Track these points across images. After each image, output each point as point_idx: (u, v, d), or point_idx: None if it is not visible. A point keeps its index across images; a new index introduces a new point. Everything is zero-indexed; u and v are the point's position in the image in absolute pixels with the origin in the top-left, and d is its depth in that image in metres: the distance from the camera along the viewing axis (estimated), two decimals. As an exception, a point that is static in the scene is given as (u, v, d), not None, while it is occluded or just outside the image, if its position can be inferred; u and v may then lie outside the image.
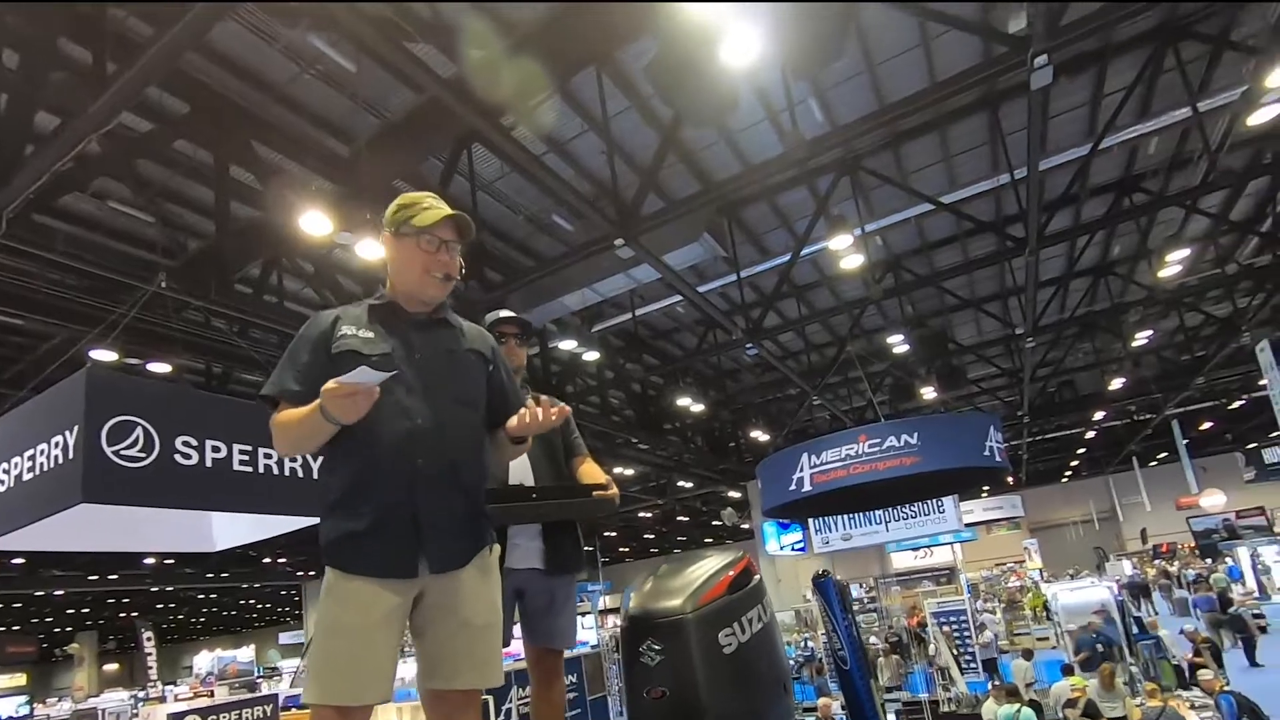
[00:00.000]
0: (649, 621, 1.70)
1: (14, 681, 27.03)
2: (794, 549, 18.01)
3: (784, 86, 5.69)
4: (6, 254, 5.11)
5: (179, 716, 5.55)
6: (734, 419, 16.44)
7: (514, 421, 1.69)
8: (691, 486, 19.74)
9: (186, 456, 4.04)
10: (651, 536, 32.55)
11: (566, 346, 9.83)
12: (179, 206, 6.81)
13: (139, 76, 3.96)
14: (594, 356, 10.39)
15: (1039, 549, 27.78)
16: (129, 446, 3.80)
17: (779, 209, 8.50)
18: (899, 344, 11.92)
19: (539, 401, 1.67)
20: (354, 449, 1.57)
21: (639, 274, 8.11)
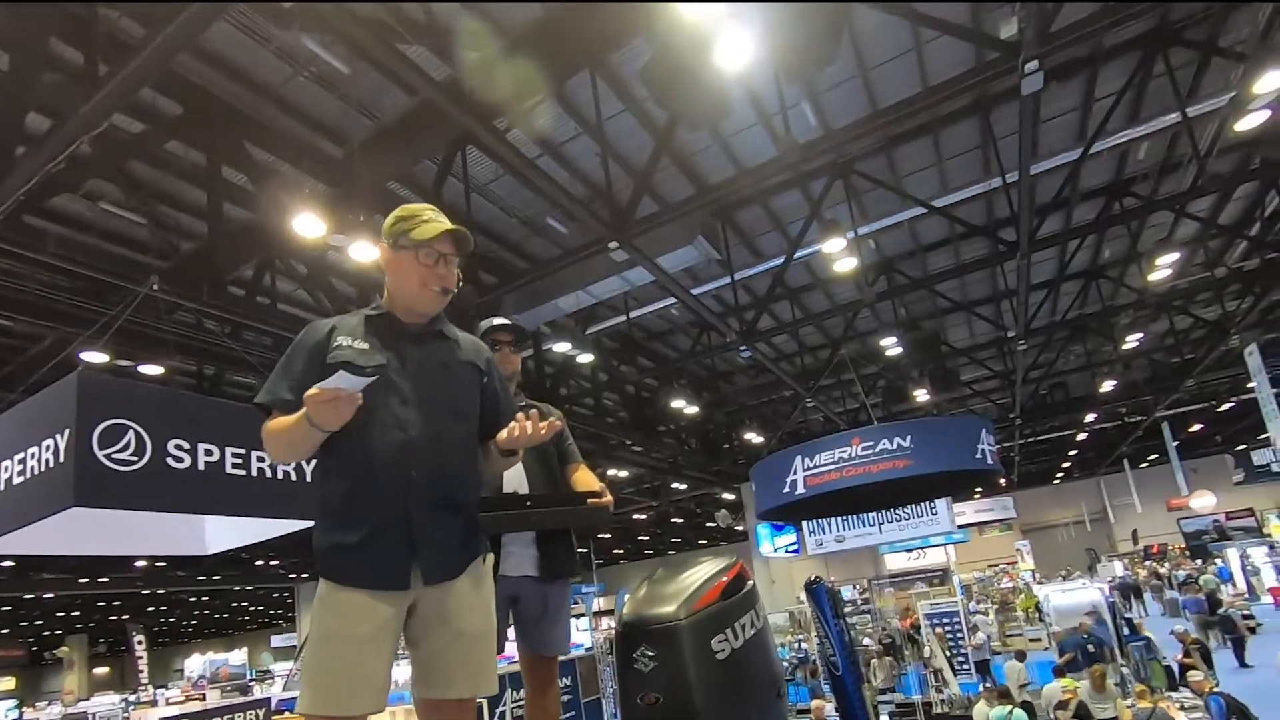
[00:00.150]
0: (643, 628, 1.71)
1: (3, 685, 26.83)
2: (788, 551, 18.05)
3: (777, 90, 5.72)
4: (-3, 256, 5.08)
5: (170, 721, 5.52)
6: (728, 421, 16.47)
7: (504, 435, 1.70)
8: (686, 488, 19.75)
9: (179, 460, 4.03)
10: (646, 538, 32.54)
11: (561, 349, 9.83)
12: (171, 208, 6.77)
13: (131, 78, 3.95)
14: (588, 359, 10.40)
15: (1031, 550, 27.94)
16: (121, 450, 3.79)
17: (772, 212, 8.53)
18: (892, 346, 11.97)
19: (529, 415, 1.67)
20: (348, 460, 1.57)
21: (633, 276, 8.12)
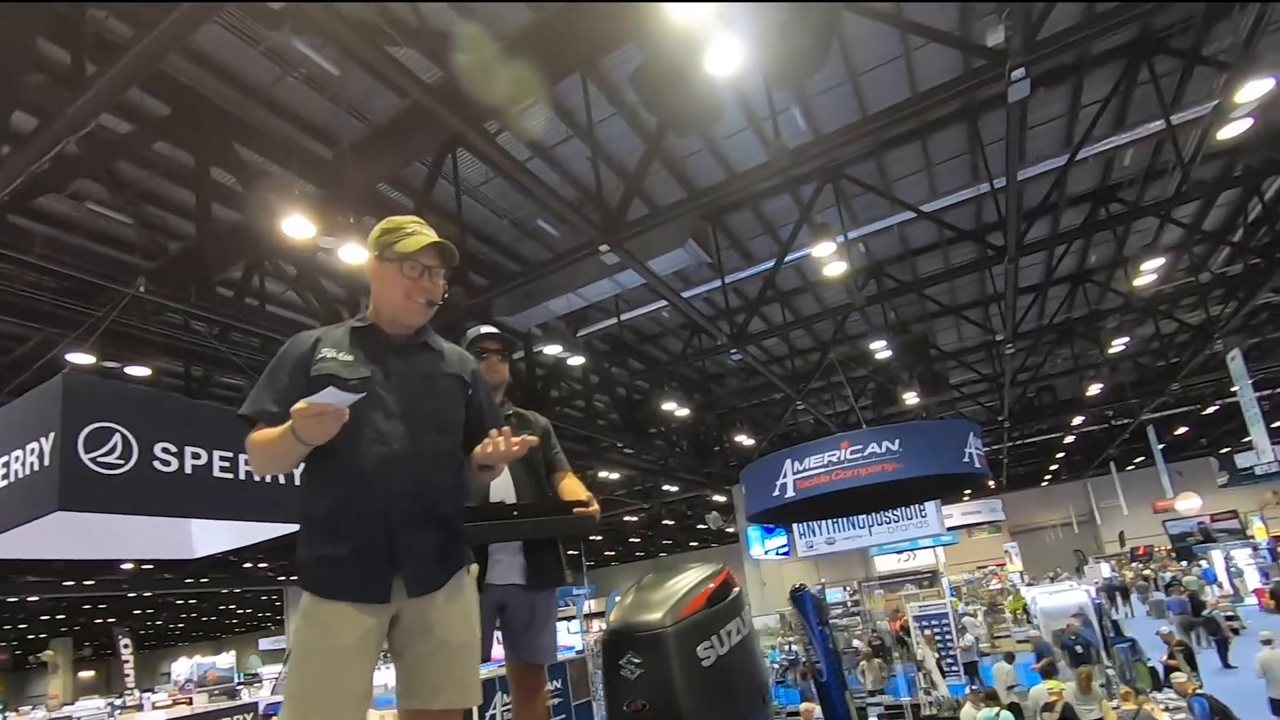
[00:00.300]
0: (629, 634, 1.72)
1: (-15, 690, 26.48)
2: (778, 553, 18.10)
3: (767, 95, 5.75)
4: (-19, 256, 5.04)
5: (156, 725, 5.47)
6: (719, 423, 16.50)
7: (479, 450, 1.69)
8: (677, 490, 19.76)
9: (166, 463, 4.00)
10: (637, 540, 32.54)
11: (552, 351, 9.83)
12: (159, 209, 6.73)
13: (119, 78, 3.93)
14: (579, 361, 10.40)
15: (1019, 552, 28.15)
16: (107, 453, 3.76)
17: (763, 215, 8.56)
18: (882, 350, 12.04)
19: (503, 431, 1.68)
20: (331, 474, 1.57)
21: (624, 279, 8.13)
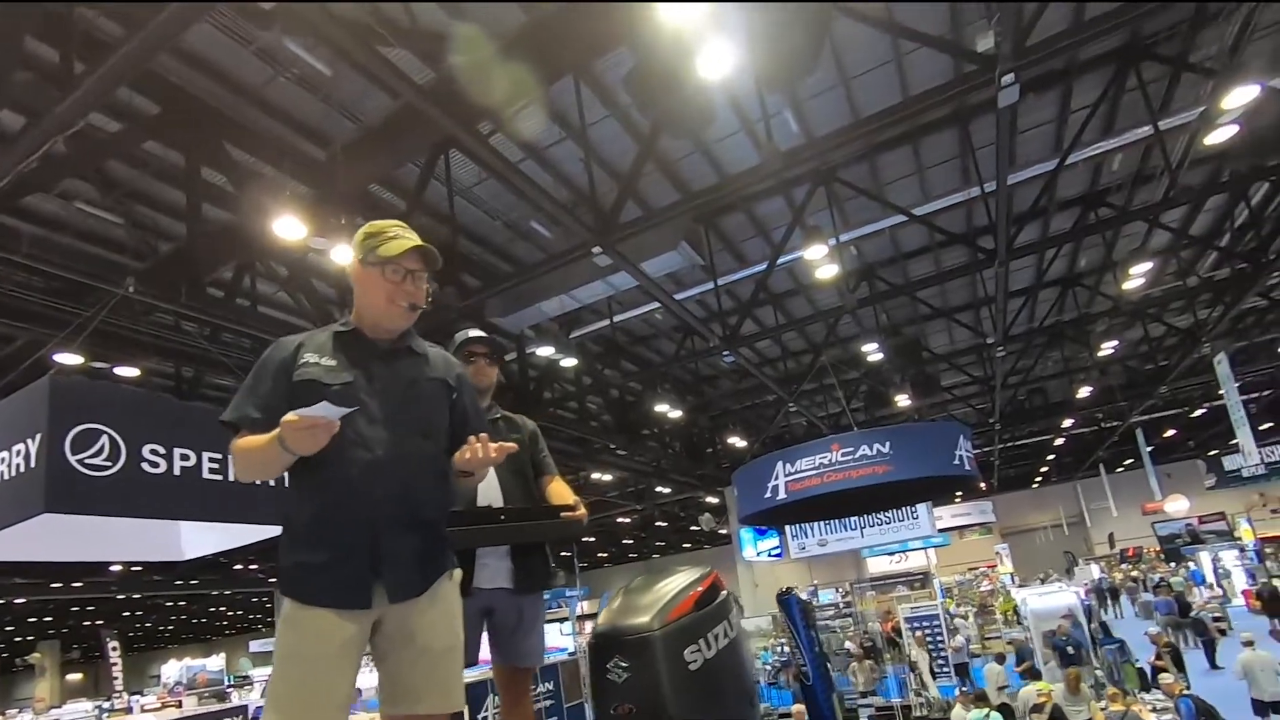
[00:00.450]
0: (616, 638, 1.72)
1: (-29, 692, 26.18)
2: (771, 554, 18.14)
3: (760, 99, 5.77)
4: (-32, 256, 5.00)
5: (144, 729, 5.43)
6: (712, 425, 16.52)
7: (458, 456, 1.69)
8: (670, 492, 19.76)
9: (154, 465, 3.98)
10: (630, 542, 32.52)
11: (544, 353, 9.82)
12: (148, 208, 6.69)
13: (108, 77, 3.91)
14: (572, 363, 10.39)
15: (1010, 553, 28.28)
16: (94, 455, 3.74)
17: (755, 218, 8.59)
18: (874, 352, 12.09)
19: (480, 438, 1.68)
20: (313, 479, 1.57)
21: (617, 281, 8.15)
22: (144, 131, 5.55)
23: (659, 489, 19.41)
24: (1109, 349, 13.35)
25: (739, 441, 16.44)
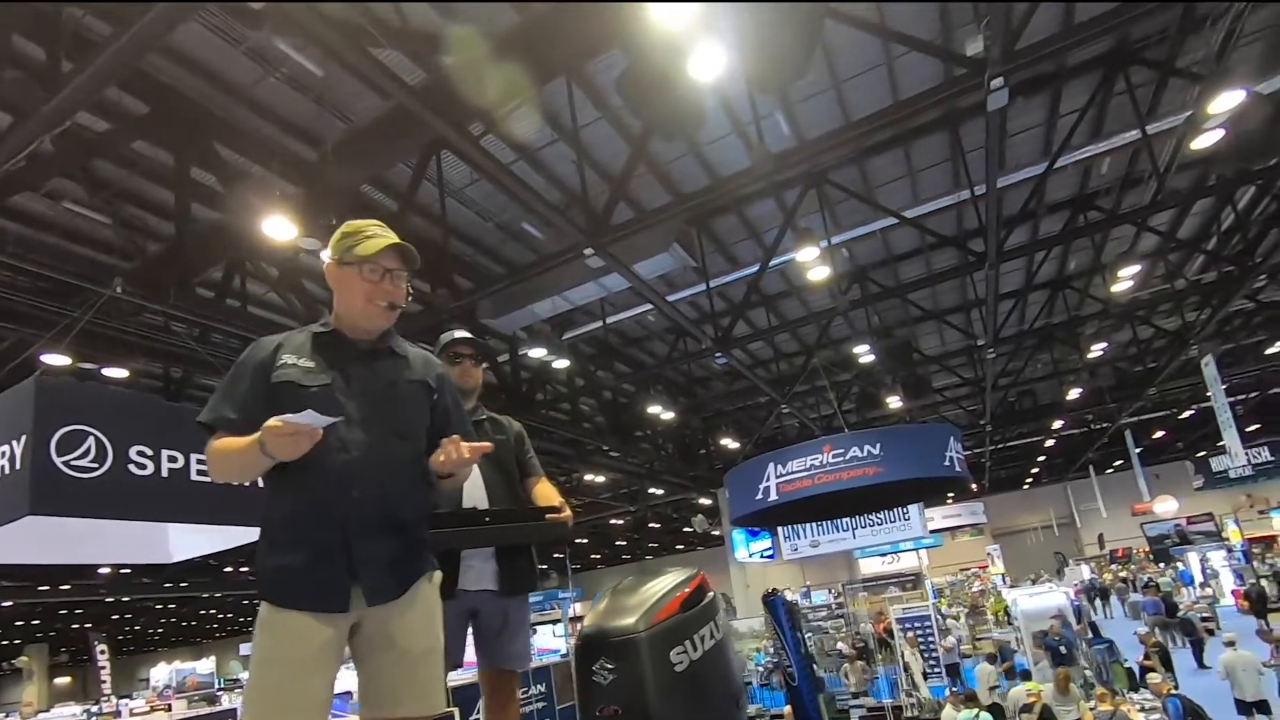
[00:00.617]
0: (602, 640, 1.72)
1: (-44, 697, 25.89)
2: (763, 556, 18.14)
3: (751, 101, 5.79)
4: (-47, 255, 4.95)
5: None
6: (704, 426, 16.53)
7: (433, 460, 1.68)
8: (662, 493, 19.77)
9: (141, 466, 3.96)
10: (623, 543, 32.49)
11: (537, 354, 9.80)
12: (137, 208, 6.64)
13: (96, 76, 3.88)
14: (565, 364, 10.38)
15: (1001, 554, 28.44)
16: (80, 456, 3.71)
17: (747, 220, 8.61)
18: (865, 354, 12.13)
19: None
20: (290, 482, 1.55)
21: (609, 282, 8.14)
22: (133, 131, 5.52)
23: (651, 490, 19.42)
24: (1098, 351, 13.44)
25: (731, 443, 16.45)
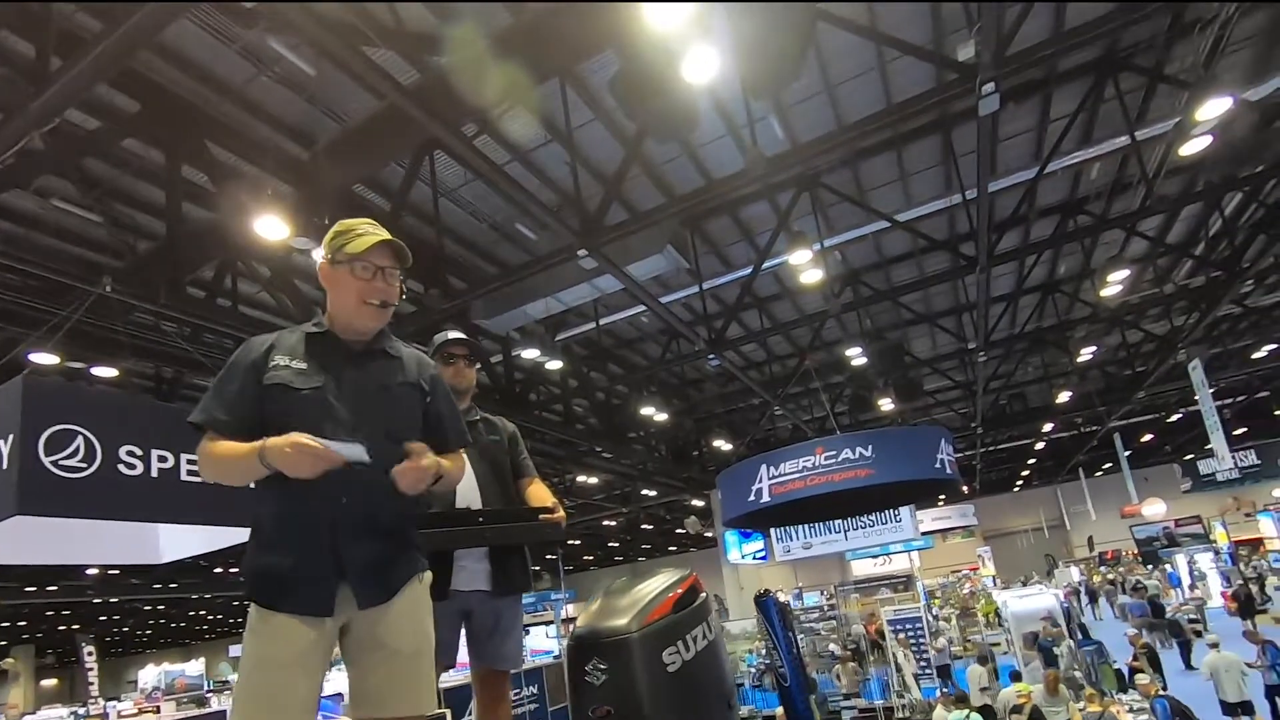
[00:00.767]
0: (595, 640, 1.73)
1: (-60, 699, 25.56)
2: (755, 557, 18.17)
3: (745, 104, 5.81)
4: (-60, 253, 4.90)
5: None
6: (697, 428, 16.55)
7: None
8: (655, 495, 19.78)
9: (130, 466, 3.92)
10: (616, 545, 32.47)
11: (530, 355, 9.79)
12: (128, 206, 6.60)
13: (85, 73, 3.85)
14: (558, 365, 10.37)
15: (992, 556, 28.57)
16: (68, 456, 3.68)
17: (741, 222, 8.63)
18: (857, 356, 12.18)
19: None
20: (280, 485, 1.54)
21: (603, 283, 8.14)
22: (124, 129, 5.48)
23: (644, 492, 19.42)
24: (1088, 355, 13.54)
25: (724, 444, 16.48)
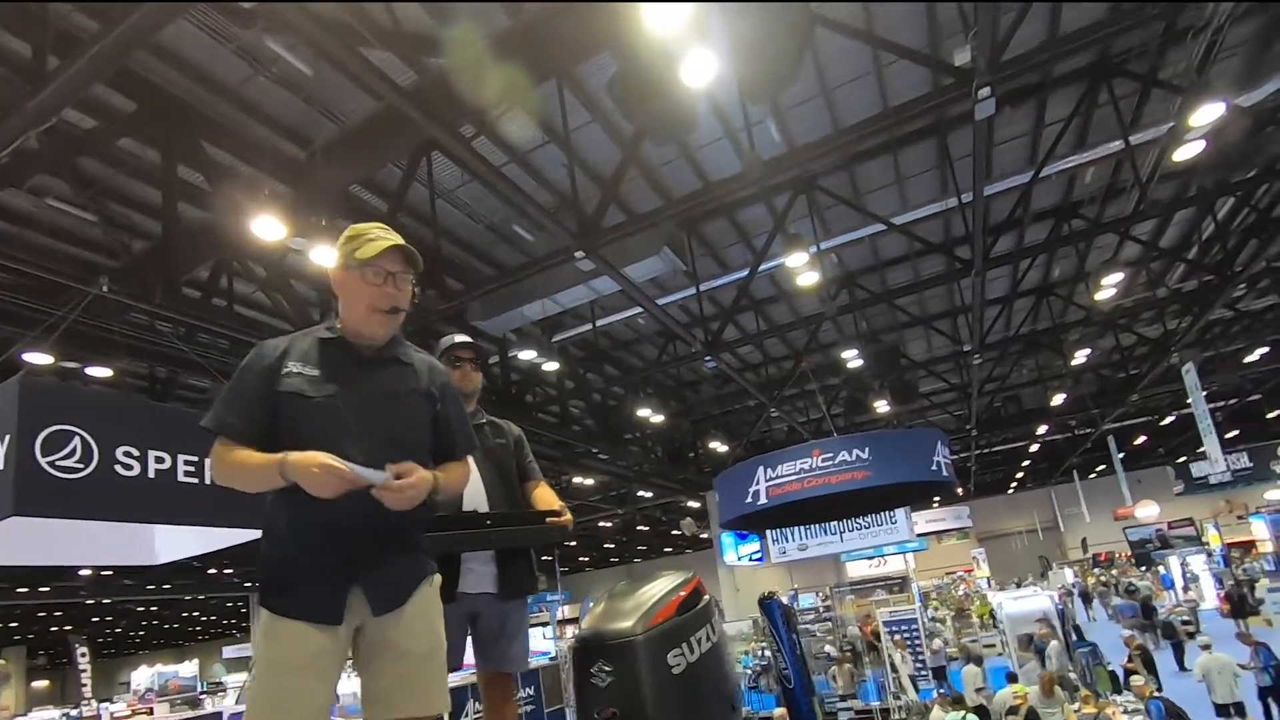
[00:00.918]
0: (600, 642, 1.73)
1: (-70, 702, 25.35)
2: (752, 559, 18.18)
3: (742, 107, 5.82)
4: (-65, 253, 4.88)
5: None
6: (693, 430, 16.56)
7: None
8: (651, 496, 19.78)
9: (128, 467, 3.91)
10: (611, 546, 32.45)
11: (526, 356, 9.79)
12: (123, 206, 6.58)
13: (82, 73, 3.84)
14: (554, 367, 10.37)
15: (987, 558, 28.68)
16: (65, 457, 3.67)
17: (738, 224, 8.65)
18: (853, 359, 12.22)
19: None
20: (289, 494, 1.54)
21: (600, 285, 8.15)
22: (120, 128, 5.46)
23: (640, 493, 19.42)
24: (1082, 357, 13.61)
25: (720, 446, 16.49)
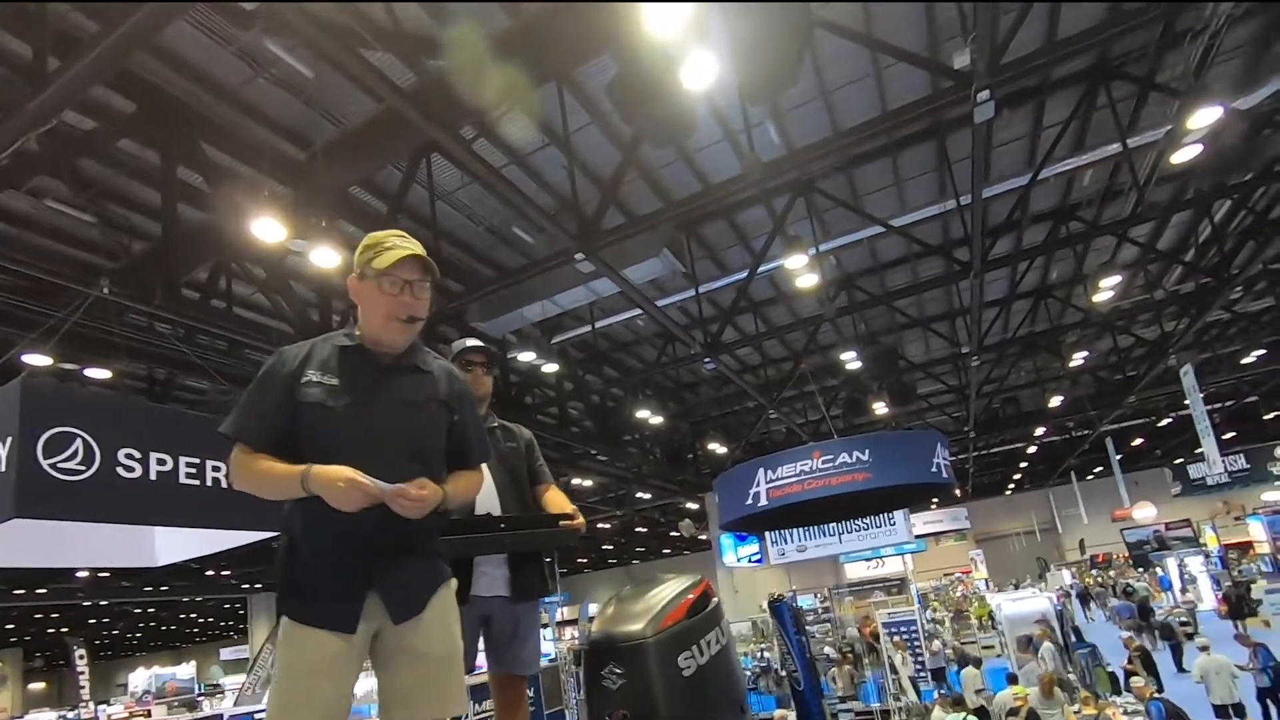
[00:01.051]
0: (611, 645, 1.74)
1: (-75, 704, 25.26)
2: (751, 560, 18.18)
3: (742, 109, 5.84)
4: (-66, 254, 4.87)
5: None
6: (692, 431, 16.56)
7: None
8: (650, 498, 19.77)
9: (129, 469, 3.91)
10: (610, 548, 32.42)
11: (526, 358, 9.79)
12: (122, 207, 6.57)
13: (82, 74, 3.84)
14: (553, 368, 10.37)
15: (984, 559, 28.70)
16: (67, 459, 3.67)
17: (737, 226, 8.66)
18: (852, 360, 12.23)
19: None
20: (307, 502, 1.55)
21: (599, 287, 8.15)
22: (119, 130, 5.46)
23: (639, 495, 19.41)
24: (1079, 359, 13.64)
25: (719, 448, 16.50)
